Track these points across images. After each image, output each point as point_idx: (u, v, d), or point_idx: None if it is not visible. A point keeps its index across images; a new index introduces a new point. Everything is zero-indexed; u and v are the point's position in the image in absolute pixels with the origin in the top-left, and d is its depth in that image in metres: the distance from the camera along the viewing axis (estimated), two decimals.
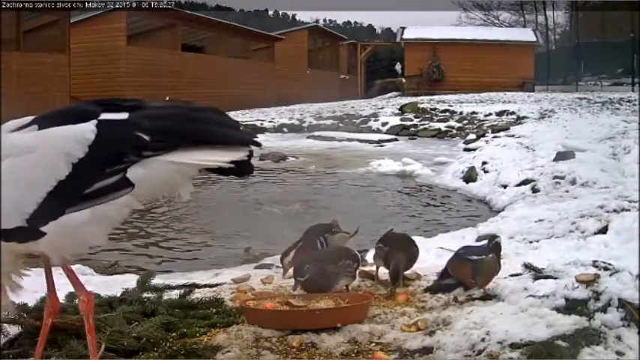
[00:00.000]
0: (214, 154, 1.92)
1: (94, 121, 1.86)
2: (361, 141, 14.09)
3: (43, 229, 1.79)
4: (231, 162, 1.93)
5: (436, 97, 22.03)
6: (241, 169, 1.98)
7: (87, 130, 1.84)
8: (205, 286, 3.22)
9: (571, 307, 2.43)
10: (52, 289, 2.06)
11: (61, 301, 2.68)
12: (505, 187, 7.12)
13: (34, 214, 1.78)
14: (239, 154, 1.94)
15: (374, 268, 3.37)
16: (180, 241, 5.38)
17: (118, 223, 1.95)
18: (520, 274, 3.03)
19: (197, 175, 1.99)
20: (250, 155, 1.97)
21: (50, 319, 2.07)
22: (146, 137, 1.86)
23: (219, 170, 1.98)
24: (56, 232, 1.81)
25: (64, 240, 1.84)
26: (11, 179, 1.78)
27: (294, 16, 78.20)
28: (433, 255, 3.81)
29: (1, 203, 1.77)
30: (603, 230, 4.18)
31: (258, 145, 2.00)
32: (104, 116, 1.88)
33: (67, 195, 1.80)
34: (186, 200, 2.06)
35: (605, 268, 2.74)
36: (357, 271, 3.08)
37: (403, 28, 30.90)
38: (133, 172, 1.86)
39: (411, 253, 3.17)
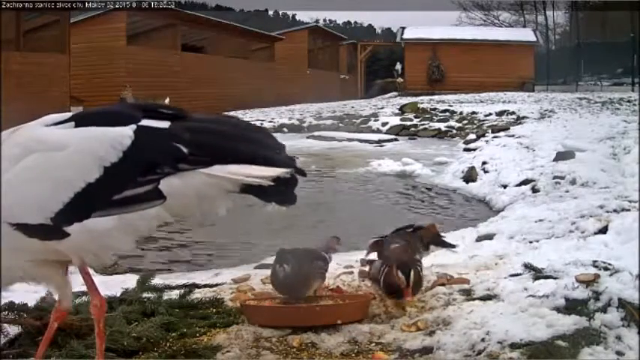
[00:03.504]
0: (254, 170, 1.83)
1: (133, 127, 1.79)
2: (361, 141, 14.09)
3: (68, 229, 1.74)
4: (273, 180, 1.84)
5: (436, 97, 22.04)
6: (283, 195, 1.90)
7: (124, 135, 1.77)
8: (205, 286, 3.21)
9: (571, 307, 2.43)
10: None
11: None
12: (505, 187, 7.13)
13: (59, 214, 1.73)
14: (281, 172, 1.85)
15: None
16: (179, 239, 5.38)
17: (146, 233, 1.88)
18: (520, 274, 3.02)
19: (235, 191, 1.88)
20: (292, 182, 1.90)
21: (56, 322, 2.03)
22: (184, 150, 1.79)
23: (260, 195, 1.88)
24: (80, 235, 1.75)
25: (87, 243, 1.79)
26: (38, 175, 1.74)
27: (294, 16, 78.07)
28: (433, 255, 3.81)
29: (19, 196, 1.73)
30: (603, 230, 4.18)
31: (303, 173, 1.93)
32: (144, 122, 1.82)
33: (94, 199, 1.74)
34: (222, 215, 1.95)
35: (605, 268, 2.74)
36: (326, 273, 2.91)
37: (403, 28, 30.90)
38: (166, 184, 1.78)
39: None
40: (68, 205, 1.73)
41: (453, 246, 3.31)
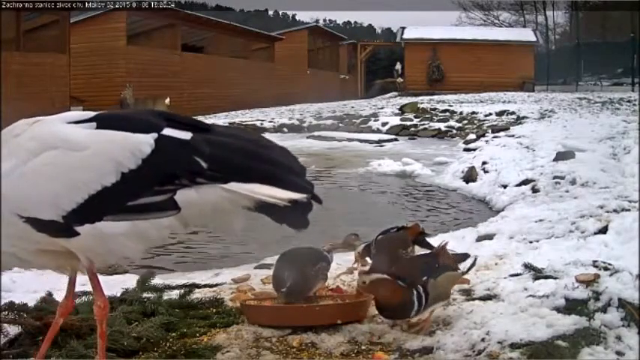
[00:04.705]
0: (270, 190, 1.82)
1: (154, 135, 1.78)
2: (361, 141, 14.10)
3: (78, 229, 1.74)
4: (289, 201, 1.82)
5: (436, 97, 22.05)
6: (297, 219, 1.89)
7: (145, 142, 1.76)
8: (205, 286, 3.21)
9: (571, 307, 2.43)
10: (72, 290, 2.01)
11: (60, 300, 2.69)
12: (505, 187, 7.13)
13: (71, 213, 1.73)
14: (297, 196, 1.84)
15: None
16: (179, 239, 5.37)
17: (157, 242, 1.87)
18: (520, 274, 3.03)
19: (250, 208, 1.86)
20: (307, 207, 1.88)
21: (62, 318, 2.03)
22: (203, 164, 1.78)
23: (274, 216, 1.87)
24: (90, 236, 1.75)
25: (96, 246, 1.79)
26: (55, 172, 1.74)
27: (294, 16, 78.33)
28: None
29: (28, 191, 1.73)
30: (603, 230, 4.17)
31: (319, 200, 1.91)
32: (166, 132, 1.80)
33: (108, 202, 1.74)
34: (239, 230, 1.94)
35: (605, 268, 2.74)
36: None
37: (403, 28, 30.93)
38: (182, 195, 1.78)
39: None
40: (81, 205, 1.73)
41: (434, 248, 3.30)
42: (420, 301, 2.40)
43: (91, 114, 1.86)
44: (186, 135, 1.81)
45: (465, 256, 2.80)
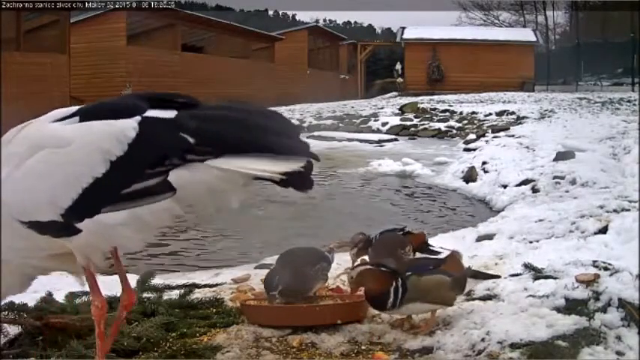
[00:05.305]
0: (265, 164, 1.75)
1: (137, 118, 1.75)
2: (361, 141, 14.11)
3: (79, 226, 1.73)
4: (285, 173, 1.75)
5: (436, 97, 22.06)
6: (300, 182, 1.80)
7: (128, 127, 1.73)
8: (205, 286, 3.22)
9: (571, 307, 2.43)
10: (126, 282, 2.00)
11: (60, 300, 2.69)
12: (505, 187, 7.13)
13: (69, 210, 1.71)
14: (292, 166, 1.76)
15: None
16: (179, 239, 5.37)
17: (157, 228, 1.85)
18: (520, 274, 3.03)
19: (249, 183, 1.82)
20: (308, 168, 1.80)
21: (125, 312, 2.03)
22: (191, 140, 1.73)
23: (276, 181, 1.79)
24: (91, 233, 1.73)
25: (97, 240, 1.76)
26: (47, 171, 1.72)
27: (294, 16, 78.30)
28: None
29: (29, 193, 1.72)
30: (603, 230, 4.17)
31: (316, 158, 1.84)
32: (150, 113, 1.77)
33: (103, 193, 1.72)
34: (235, 208, 1.87)
35: (605, 268, 2.74)
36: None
37: (403, 28, 30.94)
38: (176, 176, 1.74)
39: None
40: (77, 201, 1.71)
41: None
42: (396, 294, 2.37)
43: (74, 109, 1.83)
44: (170, 113, 1.78)
45: (488, 276, 2.80)
